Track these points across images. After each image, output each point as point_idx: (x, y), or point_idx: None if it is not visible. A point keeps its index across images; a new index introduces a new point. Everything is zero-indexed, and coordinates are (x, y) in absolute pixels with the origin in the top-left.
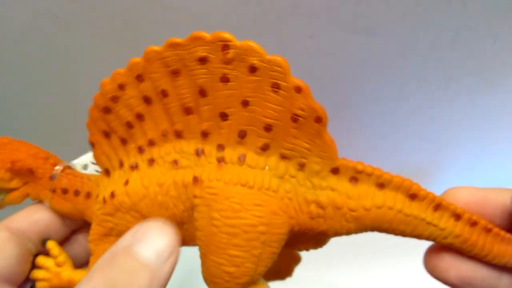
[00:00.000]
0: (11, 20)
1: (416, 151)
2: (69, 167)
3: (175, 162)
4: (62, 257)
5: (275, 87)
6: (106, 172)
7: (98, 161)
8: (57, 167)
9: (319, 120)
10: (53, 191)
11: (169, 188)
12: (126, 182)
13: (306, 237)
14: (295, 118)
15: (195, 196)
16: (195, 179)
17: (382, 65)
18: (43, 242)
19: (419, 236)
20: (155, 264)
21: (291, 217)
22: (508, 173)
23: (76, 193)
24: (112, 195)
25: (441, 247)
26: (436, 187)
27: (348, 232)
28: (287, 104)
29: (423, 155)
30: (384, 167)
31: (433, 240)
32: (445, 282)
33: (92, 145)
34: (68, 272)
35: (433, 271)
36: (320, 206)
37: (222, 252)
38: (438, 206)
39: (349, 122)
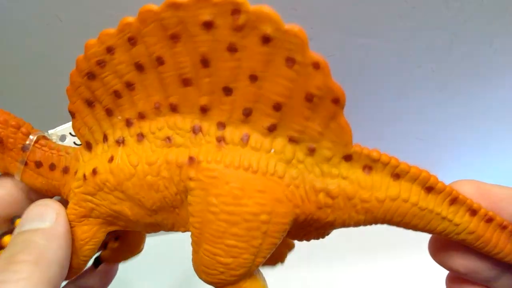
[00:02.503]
0: (14, 22)
1: (414, 151)
2: (44, 138)
3: (168, 139)
4: None
5: (290, 61)
6: (87, 146)
7: (78, 132)
8: (30, 137)
9: (336, 101)
10: (25, 163)
11: (160, 168)
12: (111, 159)
13: (309, 228)
14: (309, 98)
15: (190, 179)
16: (191, 160)
17: (380, 67)
18: (12, 220)
19: (431, 231)
20: (46, 226)
21: (296, 206)
22: (505, 173)
23: (52, 167)
24: (94, 172)
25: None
26: None
27: (356, 224)
28: (302, 82)
29: (420, 155)
30: None
31: (445, 235)
32: (449, 269)
33: (72, 114)
34: None
35: (437, 257)
36: (330, 195)
37: (219, 241)
38: (454, 200)
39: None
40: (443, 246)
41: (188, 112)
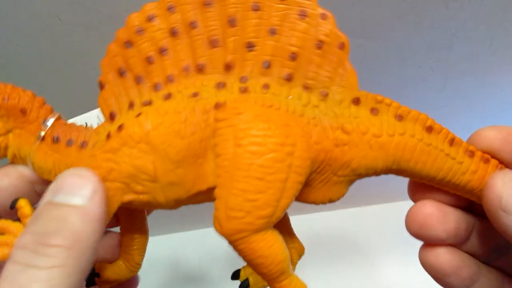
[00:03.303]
0: (14, 23)
1: None
2: (61, 118)
3: (194, 94)
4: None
5: (302, 14)
6: (111, 116)
7: (104, 104)
8: (52, 115)
9: (342, 46)
10: (42, 139)
11: (187, 115)
12: (138, 115)
13: (328, 169)
14: (319, 45)
15: (217, 120)
16: (217, 105)
17: (380, 67)
18: (13, 202)
19: (438, 173)
20: (81, 204)
21: (316, 142)
22: None
23: (69, 143)
24: (120, 128)
25: (424, 205)
26: None
27: (372, 166)
28: (313, 31)
29: None
30: None
31: (451, 178)
32: (431, 239)
33: (102, 86)
34: None
35: (419, 230)
36: (346, 131)
37: (247, 174)
38: (452, 141)
39: None
40: (423, 218)
41: (213, 73)
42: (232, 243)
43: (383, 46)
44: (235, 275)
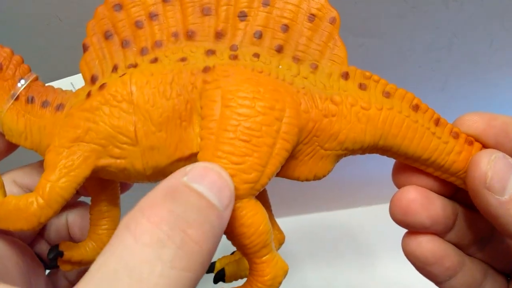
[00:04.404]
0: (14, 23)
1: None
2: (38, 80)
3: (182, 59)
4: None
5: None
6: (92, 80)
7: (85, 67)
8: (29, 75)
9: (333, 21)
10: (16, 98)
11: (174, 77)
12: (122, 75)
13: (316, 140)
14: (311, 18)
15: (205, 82)
16: (206, 68)
17: (380, 67)
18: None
19: (424, 151)
20: (219, 207)
21: (305, 111)
22: None
23: (44, 104)
24: (102, 86)
25: (408, 191)
26: None
27: (360, 138)
28: (305, 5)
29: None
30: (384, 167)
31: (436, 158)
32: (414, 225)
33: (86, 48)
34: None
35: (402, 216)
36: (334, 102)
37: (232, 136)
38: (437, 121)
39: None
40: (407, 203)
41: (203, 40)
42: None
43: (383, 46)
44: (211, 269)
